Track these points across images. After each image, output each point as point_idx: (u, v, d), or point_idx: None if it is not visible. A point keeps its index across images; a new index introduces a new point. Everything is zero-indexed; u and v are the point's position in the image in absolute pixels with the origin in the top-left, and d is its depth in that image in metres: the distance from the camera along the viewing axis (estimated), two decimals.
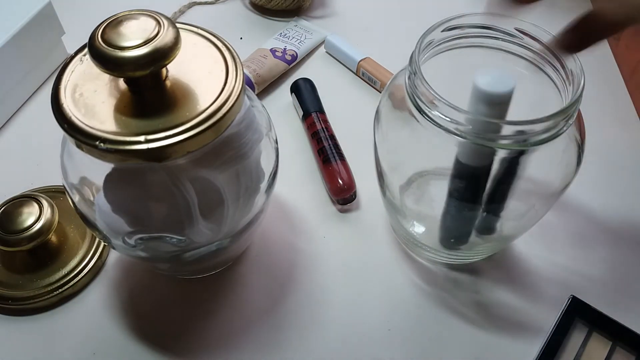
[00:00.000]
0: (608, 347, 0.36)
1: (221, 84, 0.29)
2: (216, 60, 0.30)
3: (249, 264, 0.41)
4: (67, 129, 0.27)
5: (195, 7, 0.62)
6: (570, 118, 0.30)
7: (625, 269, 0.40)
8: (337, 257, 0.41)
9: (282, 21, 0.60)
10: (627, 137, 0.49)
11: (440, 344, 0.37)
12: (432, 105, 0.30)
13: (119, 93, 0.29)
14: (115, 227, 0.32)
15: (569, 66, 0.31)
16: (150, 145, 0.26)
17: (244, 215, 0.34)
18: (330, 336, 0.37)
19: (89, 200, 0.32)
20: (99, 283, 0.40)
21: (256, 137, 0.32)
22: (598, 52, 0.56)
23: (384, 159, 0.36)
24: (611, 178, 0.46)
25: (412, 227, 0.39)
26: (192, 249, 0.33)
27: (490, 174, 0.32)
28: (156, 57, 0.26)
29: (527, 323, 0.38)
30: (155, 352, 0.37)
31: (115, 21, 0.27)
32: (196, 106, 0.28)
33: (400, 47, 0.40)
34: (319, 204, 0.44)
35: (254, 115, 0.33)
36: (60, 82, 0.29)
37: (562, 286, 0.39)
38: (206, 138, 0.27)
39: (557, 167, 0.32)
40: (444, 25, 0.33)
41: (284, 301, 0.39)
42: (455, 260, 0.40)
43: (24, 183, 0.44)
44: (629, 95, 0.52)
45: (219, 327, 0.38)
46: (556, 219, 0.42)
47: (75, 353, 0.36)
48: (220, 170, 0.31)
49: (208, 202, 0.31)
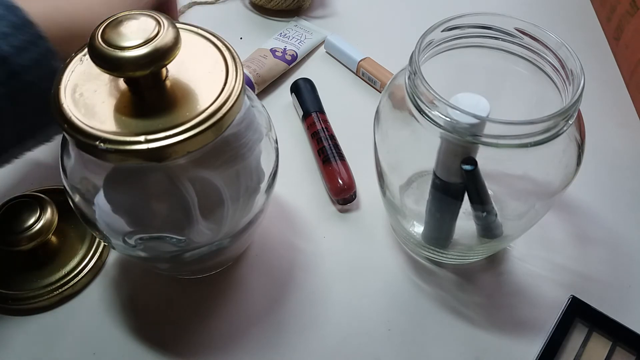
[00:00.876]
0: (608, 347, 0.36)
1: (221, 84, 0.29)
2: (216, 61, 0.30)
3: (249, 263, 0.41)
4: (67, 129, 0.27)
5: (195, 7, 0.62)
6: (570, 118, 0.30)
7: (625, 269, 0.40)
8: (337, 257, 0.41)
9: (282, 21, 0.60)
10: (627, 137, 0.49)
11: (440, 344, 0.37)
12: (432, 105, 0.30)
13: (119, 93, 0.29)
14: (115, 227, 0.32)
15: (569, 66, 0.31)
16: (150, 145, 0.26)
17: (244, 215, 0.34)
18: (330, 336, 0.37)
19: (89, 200, 0.32)
20: (99, 283, 0.40)
21: (256, 137, 0.32)
22: (598, 52, 0.56)
23: (384, 159, 0.36)
24: (611, 178, 0.46)
25: (412, 227, 0.39)
26: (192, 249, 0.33)
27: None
28: (156, 57, 0.26)
29: (527, 323, 0.38)
30: (156, 352, 0.37)
31: (116, 21, 0.27)
32: (196, 106, 0.28)
33: (400, 47, 0.40)
34: (319, 204, 0.44)
35: (254, 115, 0.33)
36: (60, 82, 0.29)
37: (562, 286, 0.39)
38: (206, 138, 0.27)
39: (557, 167, 0.32)
40: (444, 25, 0.33)
41: (284, 301, 0.39)
42: (455, 260, 0.40)
43: (24, 183, 0.44)
44: (629, 95, 0.52)
45: (219, 326, 0.38)
46: (556, 219, 0.42)
47: (75, 353, 0.37)
48: (221, 170, 0.31)
49: (208, 202, 0.31)
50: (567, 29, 0.58)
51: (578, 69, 0.30)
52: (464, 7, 0.38)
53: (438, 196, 0.34)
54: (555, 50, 0.32)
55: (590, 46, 0.57)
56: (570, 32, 0.55)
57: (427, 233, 0.38)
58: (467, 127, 0.29)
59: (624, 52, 0.54)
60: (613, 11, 0.56)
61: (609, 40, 0.57)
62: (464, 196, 0.33)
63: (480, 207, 0.33)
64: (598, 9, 0.61)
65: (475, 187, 0.32)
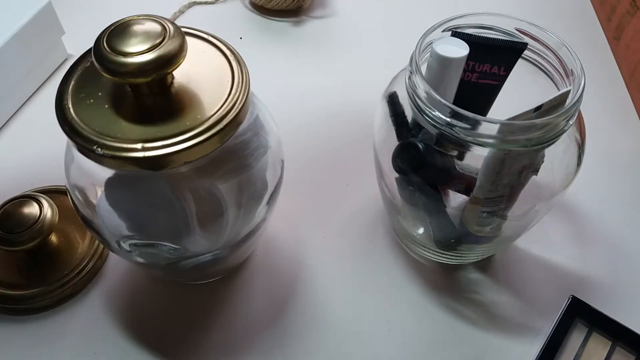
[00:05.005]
0: (608, 347, 0.36)
1: (226, 93, 0.28)
2: (223, 68, 0.29)
3: (250, 266, 0.41)
4: (67, 132, 0.27)
5: (195, 7, 0.62)
6: (571, 118, 0.30)
7: (625, 268, 0.40)
8: (337, 257, 0.41)
9: (282, 21, 0.60)
10: (627, 137, 0.49)
11: (440, 344, 0.37)
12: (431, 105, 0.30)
13: (124, 97, 0.28)
14: (113, 231, 0.31)
15: (569, 66, 0.31)
16: (147, 154, 0.26)
17: (244, 225, 0.33)
18: (330, 336, 0.37)
19: (91, 203, 0.32)
20: (99, 283, 0.40)
21: (262, 146, 0.32)
22: (598, 52, 0.56)
23: (384, 159, 0.35)
24: (611, 178, 0.46)
25: (412, 227, 0.39)
26: (188, 258, 0.33)
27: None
28: (160, 63, 0.26)
29: (527, 323, 0.38)
30: (156, 352, 0.37)
31: (121, 26, 0.27)
32: (199, 114, 0.27)
33: (400, 47, 0.40)
34: (320, 204, 0.44)
35: (261, 124, 0.32)
36: (65, 83, 0.28)
37: (562, 286, 0.39)
38: (206, 148, 0.27)
39: (558, 167, 0.32)
40: (444, 26, 0.33)
41: (284, 301, 0.39)
42: (455, 260, 0.40)
43: (24, 183, 0.44)
44: (629, 95, 0.52)
45: (220, 328, 0.38)
46: (556, 219, 0.42)
47: (75, 353, 0.36)
48: (223, 180, 0.30)
49: (207, 213, 0.30)
50: (567, 29, 0.58)
51: (578, 69, 0.30)
52: (464, 7, 0.38)
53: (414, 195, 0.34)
54: (556, 50, 0.32)
55: (590, 46, 0.57)
56: (570, 32, 0.55)
57: (437, 236, 0.38)
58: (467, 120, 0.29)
59: (624, 52, 0.54)
60: (613, 11, 0.56)
61: (609, 40, 0.57)
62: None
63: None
64: (598, 9, 0.60)
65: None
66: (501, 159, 0.30)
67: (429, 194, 0.34)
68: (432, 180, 0.34)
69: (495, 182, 0.31)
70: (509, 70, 0.33)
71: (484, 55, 0.32)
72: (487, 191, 0.31)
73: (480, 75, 0.33)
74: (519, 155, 0.30)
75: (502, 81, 0.33)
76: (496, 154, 0.30)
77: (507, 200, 0.33)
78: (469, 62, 0.32)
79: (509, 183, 0.31)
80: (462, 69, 0.32)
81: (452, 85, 0.32)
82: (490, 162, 0.30)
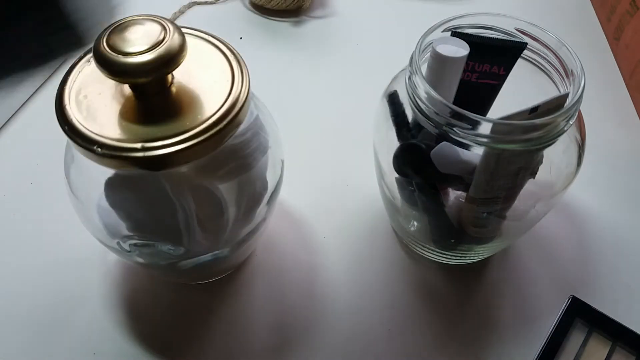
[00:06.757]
0: (608, 347, 0.36)
1: (226, 93, 0.28)
2: (223, 68, 0.29)
3: (250, 266, 0.41)
4: (67, 131, 0.27)
5: (195, 7, 0.62)
6: (571, 118, 0.30)
7: (625, 269, 0.40)
8: (337, 257, 0.41)
9: (282, 21, 0.60)
10: (627, 137, 0.49)
11: (440, 344, 0.37)
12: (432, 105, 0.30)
13: (124, 97, 0.28)
14: (113, 231, 0.31)
15: (569, 66, 0.31)
16: (147, 154, 0.26)
17: (245, 225, 0.33)
18: (329, 336, 0.37)
19: (91, 203, 0.32)
20: (101, 283, 0.40)
21: (262, 147, 0.32)
22: (598, 52, 0.56)
23: (384, 159, 0.36)
24: (611, 178, 0.46)
25: (412, 227, 0.39)
26: (188, 258, 0.33)
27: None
28: (160, 63, 0.26)
29: (527, 323, 0.38)
30: (156, 352, 0.37)
31: (121, 26, 0.27)
32: (199, 114, 0.27)
33: (400, 47, 0.40)
34: (320, 203, 0.44)
35: (262, 124, 0.32)
36: (65, 83, 0.28)
37: (562, 286, 0.39)
38: (205, 149, 0.27)
39: (558, 167, 0.32)
40: (444, 26, 0.33)
41: (284, 301, 0.39)
42: (455, 260, 0.40)
43: (24, 183, 0.44)
44: (629, 95, 0.52)
45: (220, 328, 0.38)
46: (556, 219, 0.42)
47: (75, 353, 0.37)
48: (223, 180, 0.30)
49: (207, 213, 0.30)
50: (567, 29, 0.58)
51: (578, 69, 0.30)
52: (464, 7, 0.37)
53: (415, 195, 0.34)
54: (556, 50, 0.32)
55: (590, 46, 0.57)
56: (570, 32, 0.55)
57: (436, 236, 0.38)
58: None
59: (624, 52, 0.54)
60: (613, 11, 0.56)
61: (609, 40, 0.57)
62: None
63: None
64: (598, 9, 0.61)
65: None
66: (495, 160, 0.30)
67: (429, 193, 0.34)
68: (432, 180, 0.34)
69: (490, 183, 0.31)
70: (508, 70, 0.33)
71: (484, 55, 0.32)
72: (482, 191, 0.31)
73: (480, 75, 0.33)
74: (513, 155, 0.30)
75: (501, 81, 0.33)
76: (489, 154, 0.30)
77: (504, 202, 0.33)
78: (469, 62, 0.32)
79: (504, 184, 0.31)
80: (462, 69, 0.32)
81: (452, 85, 0.32)
82: (485, 162, 0.30)
